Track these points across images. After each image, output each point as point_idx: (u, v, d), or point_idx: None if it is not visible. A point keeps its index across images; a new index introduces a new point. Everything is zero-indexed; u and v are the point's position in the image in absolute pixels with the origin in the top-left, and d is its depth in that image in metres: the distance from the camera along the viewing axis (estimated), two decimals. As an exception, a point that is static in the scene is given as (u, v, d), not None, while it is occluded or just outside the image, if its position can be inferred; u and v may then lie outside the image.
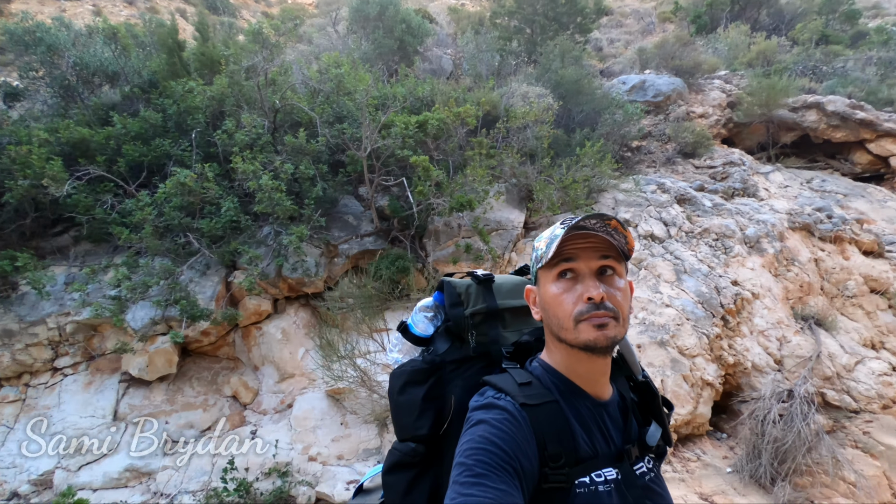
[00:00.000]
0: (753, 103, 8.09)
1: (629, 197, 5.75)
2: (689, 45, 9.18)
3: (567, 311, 0.94)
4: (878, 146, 7.72)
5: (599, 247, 0.95)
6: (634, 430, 1.04)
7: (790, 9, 13.91)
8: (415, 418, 1.09)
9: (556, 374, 1.01)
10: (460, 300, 1.19)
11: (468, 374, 1.12)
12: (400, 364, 1.22)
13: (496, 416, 0.91)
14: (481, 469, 0.83)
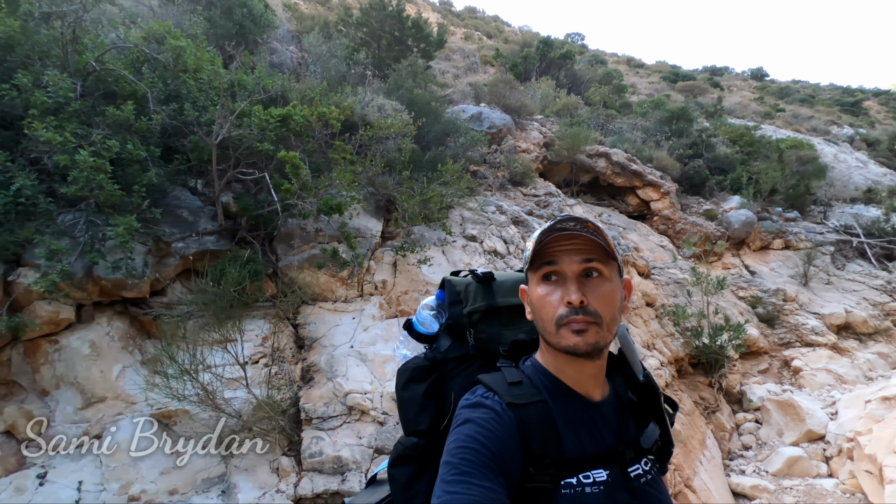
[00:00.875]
0: (562, 147, 9.66)
1: (474, 215, 6.27)
2: (516, 89, 10.52)
3: (550, 314, 0.94)
4: (644, 193, 9.96)
5: (583, 248, 0.95)
6: (631, 430, 1.02)
7: (581, 74, 17.04)
8: (415, 414, 1.14)
9: (546, 375, 1.01)
10: (459, 298, 1.22)
11: (468, 371, 1.15)
12: (406, 360, 1.25)
13: (482, 415, 0.92)
14: (467, 467, 0.84)
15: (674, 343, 6.58)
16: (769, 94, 36.46)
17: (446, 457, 0.89)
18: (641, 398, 1.07)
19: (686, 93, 25.45)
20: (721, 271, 8.79)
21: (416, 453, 1.12)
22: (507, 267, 5.63)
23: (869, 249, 9.90)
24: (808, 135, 20.94)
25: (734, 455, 5.99)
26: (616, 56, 41.12)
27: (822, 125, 26.22)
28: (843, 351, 7.55)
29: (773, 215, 10.45)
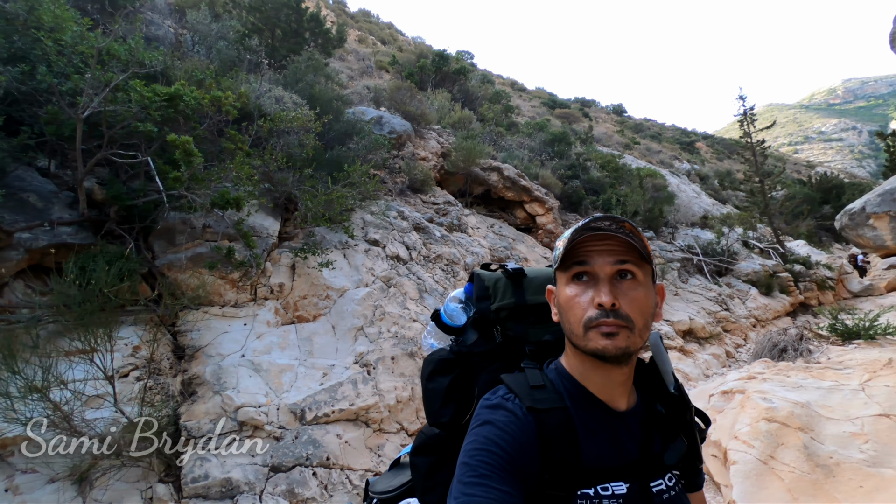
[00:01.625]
0: (458, 158, 9.96)
1: (376, 219, 6.15)
2: (416, 97, 10.62)
3: (578, 316, 0.90)
4: (531, 207, 10.66)
5: (616, 249, 0.91)
6: (658, 444, 0.98)
7: (474, 91, 17.78)
8: (439, 406, 1.12)
9: (570, 380, 0.98)
10: (488, 294, 1.18)
11: (494, 367, 1.12)
12: (434, 350, 1.22)
13: (501, 418, 0.90)
14: (484, 470, 0.83)
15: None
16: (627, 128, 41.69)
17: (464, 457, 0.87)
18: (671, 411, 1.01)
19: (562, 119, 28.00)
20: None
21: (437, 444, 1.12)
22: (408, 272, 5.60)
23: (705, 266, 11.75)
24: (658, 166, 24.22)
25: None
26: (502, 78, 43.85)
27: (668, 159, 30.65)
28: (687, 353, 8.80)
29: (634, 234, 11.86)
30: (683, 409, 1.01)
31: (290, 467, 3.56)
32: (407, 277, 5.48)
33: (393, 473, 1.34)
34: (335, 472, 3.70)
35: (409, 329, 4.86)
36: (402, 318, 4.96)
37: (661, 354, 1.05)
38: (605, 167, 14.59)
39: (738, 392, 5.58)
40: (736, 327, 10.15)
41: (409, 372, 4.55)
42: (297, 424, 3.82)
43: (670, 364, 1.06)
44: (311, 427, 3.84)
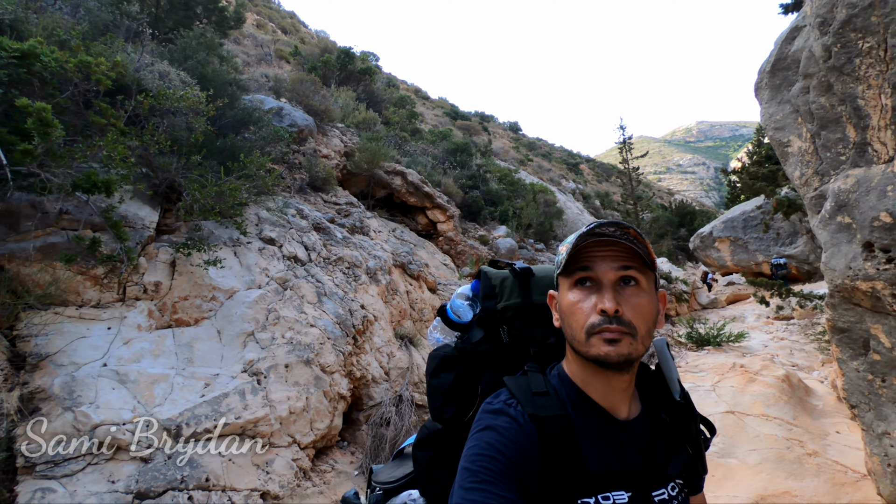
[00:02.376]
0: (362, 159, 9.73)
1: (273, 216, 5.73)
2: (321, 92, 10.18)
3: (580, 321, 0.90)
4: (433, 214, 10.76)
5: (620, 255, 0.91)
6: (661, 453, 0.97)
7: (379, 93, 17.59)
8: (441, 402, 1.12)
9: (572, 387, 0.97)
10: (494, 292, 1.16)
11: (498, 366, 1.10)
12: (439, 345, 1.21)
13: (503, 424, 0.90)
14: (486, 475, 0.83)
15: (455, 354, 7.17)
16: (522, 145, 44.25)
17: (465, 462, 0.87)
18: (675, 419, 1.00)
19: (463, 130, 28.87)
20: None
21: (439, 439, 1.13)
22: (306, 274, 5.29)
23: (587, 278, 12.79)
24: (548, 183, 25.95)
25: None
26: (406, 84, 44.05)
27: (557, 177, 33.04)
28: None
29: (527, 245, 12.54)
30: (688, 418, 1.00)
31: (160, 492, 3.11)
32: (305, 279, 5.16)
33: (395, 464, 1.35)
34: (215, 495, 3.32)
35: (306, 334, 4.57)
36: (299, 322, 4.65)
37: (666, 361, 1.05)
38: (502, 180, 15.27)
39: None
40: (611, 334, 11.16)
41: (304, 380, 4.26)
42: (172, 443, 3.36)
43: (676, 372, 1.04)
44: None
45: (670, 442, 0.98)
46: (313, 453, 4.16)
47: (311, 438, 4.09)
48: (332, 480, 4.08)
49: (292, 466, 3.83)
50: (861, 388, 2.80)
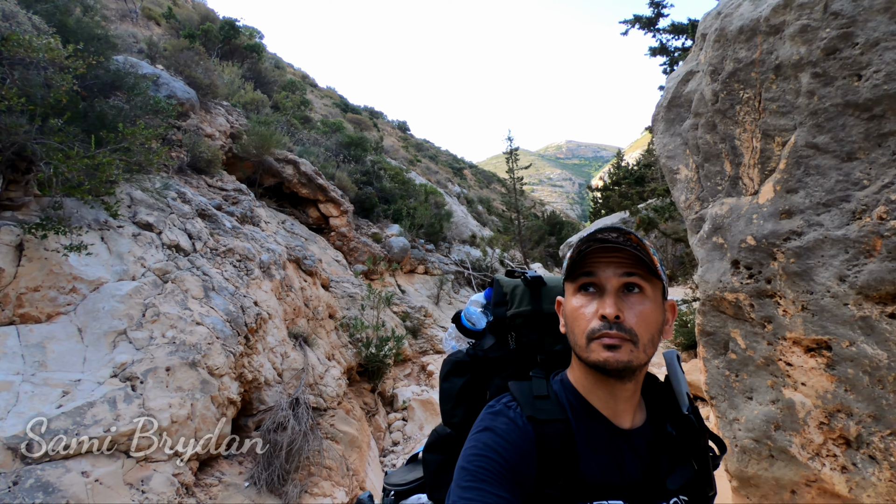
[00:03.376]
0: (251, 143, 9.00)
1: (150, 198, 5.02)
2: (203, 64, 9.16)
3: (582, 327, 0.89)
4: (325, 208, 10.34)
5: (625, 262, 0.89)
6: (665, 467, 0.95)
7: (267, 74, 16.43)
8: (451, 407, 1.15)
9: (573, 393, 0.96)
10: (505, 299, 1.18)
11: (507, 373, 1.12)
12: (453, 351, 1.23)
13: (501, 425, 0.90)
14: (482, 475, 0.83)
15: (347, 353, 6.99)
16: (411, 145, 44.58)
17: (462, 462, 0.87)
18: (682, 433, 0.97)
19: (354, 124, 28.22)
20: (380, 287, 9.99)
21: (448, 443, 1.14)
22: (191, 266, 4.73)
23: (473, 280, 13.34)
24: (436, 185, 26.52)
25: (387, 451, 6.78)
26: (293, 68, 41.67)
27: (444, 180, 33.90)
28: (458, 356, 9.78)
29: (419, 245, 12.68)
30: (696, 433, 0.97)
31: (1, 527, 2.55)
32: (190, 272, 4.61)
33: (409, 468, 1.38)
34: (77, 523, 2.81)
35: (192, 333, 4.09)
36: (183, 320, 4.14)
37: (675, 374, 1.03)
38: (394, 179, 15.23)
39: (504, 391, 6.42)
40: (494, 334, 11.77)
41: (189, 385, 3.81)
42: (18, 464, 2.77)
43: (685, 385, 1.02)
44: (42, 465, 2.84)
45: (675, 455, 0.96)
46: (197, 466, 3.74)
47: (195, 450, 3.67)
48: (218, 495, 3.70)
49: (173, 482, 3.40)
50: (719, 382, 3.33)
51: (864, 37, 2.16)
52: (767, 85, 2.56)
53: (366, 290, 8.33)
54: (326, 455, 4.62)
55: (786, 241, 2.66)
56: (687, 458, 0.95)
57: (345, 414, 5.45)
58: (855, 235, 2.38)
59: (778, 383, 2.99)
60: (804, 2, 2.29)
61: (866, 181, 2.34)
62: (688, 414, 0.99)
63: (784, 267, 2.71)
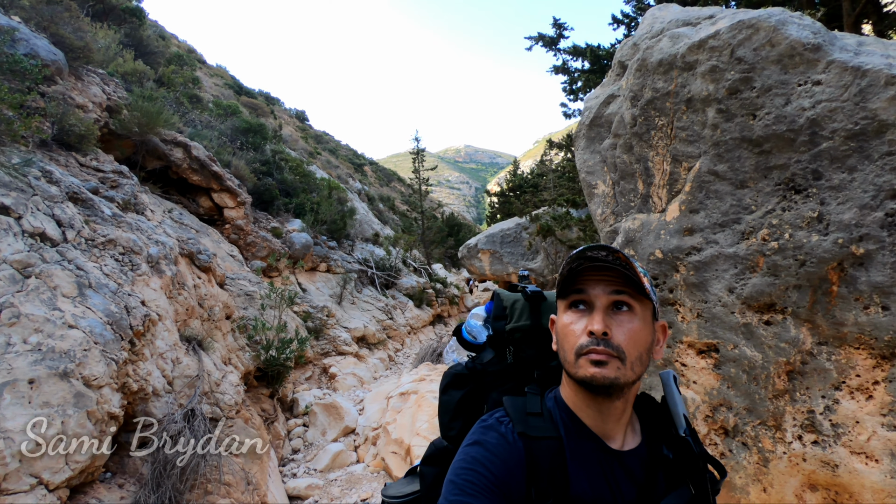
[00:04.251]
0: (133, 120, 7.94)
1: (4, 175, 4.19)
2: (77, 22, 7.86)
3: (571, 343, 0.90)
4: (220, 198, 9.47)
5: (615, 280, 0.90)
6: (660, 490, 0.93)
7: (149, 43, 14.66)
8: (449, 419, 1.15)
9: (566, 411, 0.96)
10: (505, 313, 1.19)
11: (505, 388, 1.11)
12: (454, 364, 1.22)
13: (491, 440, 0.90)
14: (470, 489, 0.83)
15: (245, 357, 6.48)
16: (310, 136, 42.72)
17: (451, 475, 0.87)
18: (678, 455, 0.95)
19: (250, 109, 26.29)
20: (281, 286, 9.43)
21: (445, 456, 1.13)
22: (60, 258, 4.03)
23: (377, 279, 13.14)
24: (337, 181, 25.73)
25: (286, 460, 6.41)
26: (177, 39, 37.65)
27: (344, 175, 33.02)
28: (361, 358, 9.57)
29: (321, 242, 12.18)
30: (693, 456, 0.94)
31: None
32: (59, 265, 3.92)
33: (407, 480, 1.35)
34: None
35: (63, 339, 3.48)
36: (51, 322, 3.50)
37: (672, 395, 1.02)
38: (294, 171, 14.47)
39: (413, 393, 6.43)
40: (397, 334, 11.72)
41: (58, 399, 3.23)
42: None
43: (682, 405, 1.01)
44: None
45: (671, 478, 0.94)
46: (68, 494, 3.19)
47: (66, 475, 3.13)
48: (95, 525, 3.20)
49: (39, 516, 2.86)
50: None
51: (761, 82, 2.49)
52: (679, 115, 2.85)
53: (265, 289, 7.80)
54: (226, 470, 4.22)
55: (687, 255, 2.98)
56: (684, 480, 0.94)
57: (244, 423, 5.03)
58: (743, 253, 2.74)
59: (674, 382, 3.35)
60: (715, 45, 2.59)
61: (754, 207, 2.71)
62: (685, 436, 0.96)
63: (685, 278, 3.03)
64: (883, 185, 2.25)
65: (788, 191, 2.55)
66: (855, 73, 2.23)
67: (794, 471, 2.81)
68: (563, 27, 11.89)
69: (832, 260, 2.42)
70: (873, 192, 2.27)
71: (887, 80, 2.17)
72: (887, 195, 2.25)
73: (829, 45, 2.32)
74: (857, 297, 2.42)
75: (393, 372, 9.76)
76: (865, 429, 2.51)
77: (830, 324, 2.52)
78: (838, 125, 2.30)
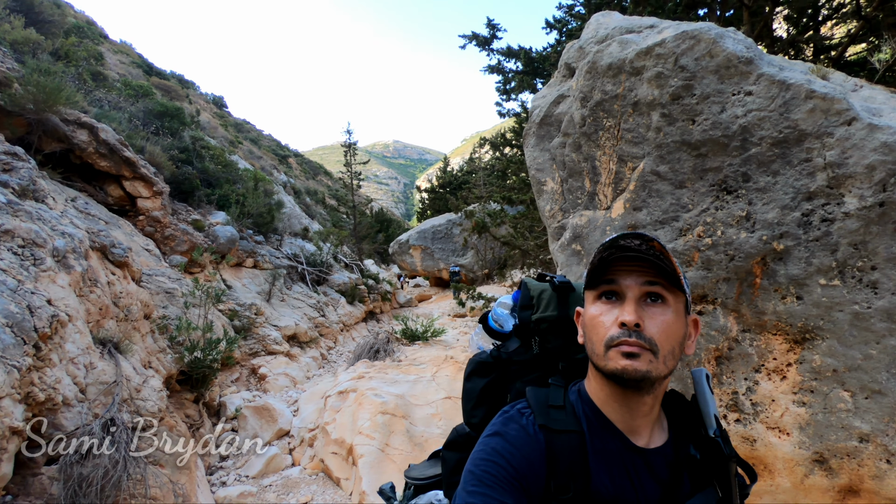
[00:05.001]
0: (29, 96, 7.01)
1: None
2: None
3: (601, 335, 0.87)
4: (133, 186, 8.63)
5: (647, 271, 0.87)
6: (686, 491, 0.90)
7: (46, 12, 13.06)
8: (472, 406, 1.15)
9: (590, 405, 0.94)
10: (531, 303, 1.17)
11: (529, 378, 1.11)
12: (479, 352, 1.21)
13: (512, 432, 0.90)
14: (488, 480, 0.82)
15: (166, 359, 5.98)
16: (230, 124, 40.19)
17: (470, 465, 0.86)
18: (706, 456, 0.93)
19: (162, 91, 24.16)
20: (206, 282, 8.80)
21: (466, 442, 1.12)
22: (-57, 252, 3.46)
23: (308, 275, 12.66)
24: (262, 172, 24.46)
25: (214, 468, 6.01)
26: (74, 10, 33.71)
27: (268, 167, 31.47)
28: (293, 357, 9.19)
29: (247, 236, 11.52)
30: (722, 457, 0.93)
31: None
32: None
33: (431, 463, 1.36)
34: None
35: (-49, 344, 2.99)
36: (-65, 326, 3.00)
37: (703, 393, 1.00)
38: (216, 160, 13.55)
39: (352, 391, 6.29)
40: (329, 332, 11.39)
41: (-53, 415, 2.78)
42: None
43: (714, 405, 0.98)
44: None
45: (697, 479, 0.92)
46: (-39, 523, 2.76)
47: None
48: (-3, 556, 2.80)
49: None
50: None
51: (700, 90, 2.69)
52: (626, 117, 3.01)
53: (188, 286, 7.24)
54: (151, 482, 3.87)
55: (631, 250, 3.16)
56: (710, 482, 0.91)
57: (169, 431, 4.64)
58: (681, 248, 2.95)
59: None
60: (661, 52, 2.76)
61: (691, 206, 2.93)
62: (714, 437, 0.95)
63: (628, 272, 3.20)
64: (800, 188, 2.51)
65: (721, 192, 2.78)
66: (781, 86, 2.47)
67: (721, 447, 3.07)
68: (496, 28, 12.12)
69: (757, 255, 2.67)
70: (792, 193, 2.53)
71: (807, 94, 2.42)
72: (803, 197, 2.52)
73: (759, 59, 2.55)
74: (777, 289, 2.68)
75: (326, 371, 9.48)
76: (779, 406, 2.80)
77: (753, 313, 2.78)
78: (765, 133, 2.54)
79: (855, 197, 2.32)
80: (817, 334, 2.52)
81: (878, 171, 2.23)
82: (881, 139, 2.23)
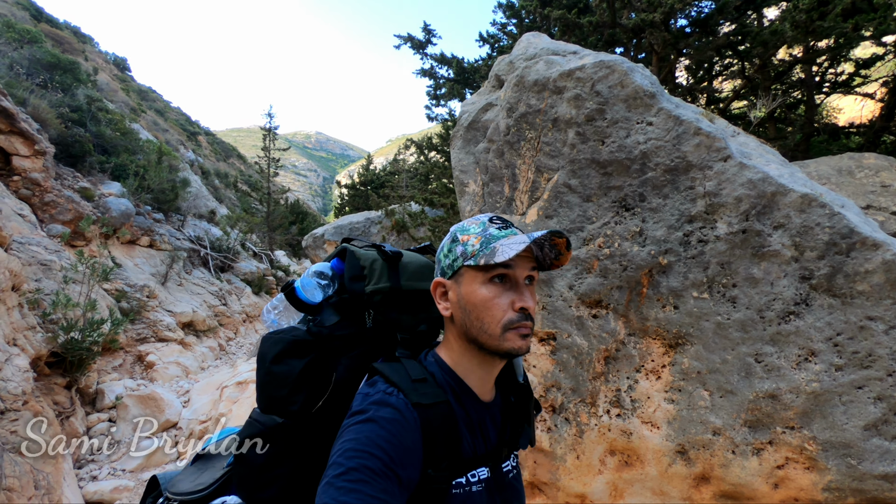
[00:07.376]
0: None
1: None
2: None
3: (496, 317, 0.92)
4: (8, 141, 7.57)
5: (529, 256, 0.97)
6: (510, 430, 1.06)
7: None
8: (288, 392, 0.99)
9: (450, 373, 0.99)
10: (363, 274, 1.08)
11: (356, 353, 1.05)
12: (277, 329, 1.07)
13: (386, 416, 0.86)
14: (362, 475, 0.78)
15: (36, 338, 5.32)
16: (132, 90, 36.48)
17: (339, 458, 0.80)
18: (519, 399, 1.09)
19: (53, 41, 21.34)
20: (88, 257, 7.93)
21: (278, 433, 1.01)
22: None
23: (211, 260, 11.86)
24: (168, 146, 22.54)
25: (84, 461, 5.45)
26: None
27: (175, 142, 29.01)
28: (187, 345, 8.56)
29: (144, 212, 10.56)
30: (529, 397, 1.11)
31: None
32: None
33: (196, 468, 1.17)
34: None
35: None
36: None
37: None
38: (114, 126, 12.28)
39: (253, 382, 6.01)
40: (230, 322, 10.76)
41: None
42: None
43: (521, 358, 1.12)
44: None
45: (516, 420, 1.08)
46: None
47: None
48: None
49: None
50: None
51: (611, 115, 3.00)
52: (546, 131, 3.26)
53: (69, 259, 6.51)
54: (8, 472, 3.43)
55: (540, 255, 3.40)
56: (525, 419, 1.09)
57: (33, 417, 4.14)
58: (584, 256, 3.24)
59: (517, 366, 3.78)
60: (581, 76, 3.03)
61: (595, 218, 3.23)
62: (524, 382, 1.12)
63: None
64: (684, 212, 2.88)
65: (621, 208, 3.11)
66: (676, 121, 2.84)
67: (601, 440, 3.39)
68: (432, 33, 12.33)
69: (646, 267, 3.01)
70: (678, 215, 2.90)
71: (695, 130, 2.80)
72: (686, 219, 2.89)
73: (661, 95, 2.91)
74: (659, 298, 3.04)
75: (224, 362, 8.95)
76: (654, 403, 3.16)
77: (639, 318, 3.12)
78: (661, 160, 2.89)
79: (725, 223, 2.72)
80: (688, 340, 2.89)
81: (743, 202, 2.64)
82: (748, 176, 2.64)
